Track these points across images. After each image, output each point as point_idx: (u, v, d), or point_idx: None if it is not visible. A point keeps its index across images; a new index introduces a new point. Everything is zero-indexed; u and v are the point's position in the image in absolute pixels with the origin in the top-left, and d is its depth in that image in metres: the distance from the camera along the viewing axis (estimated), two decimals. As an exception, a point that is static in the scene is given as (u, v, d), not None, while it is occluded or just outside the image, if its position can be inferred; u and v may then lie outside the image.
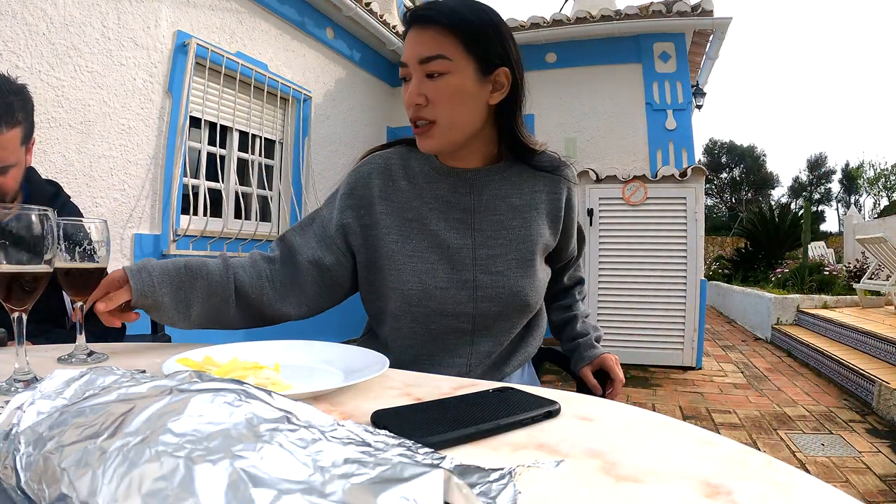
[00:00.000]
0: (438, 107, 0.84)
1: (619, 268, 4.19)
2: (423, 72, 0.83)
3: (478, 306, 0.90)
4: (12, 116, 1.03)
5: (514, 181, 0.93)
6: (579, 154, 5.04)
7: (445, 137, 0.86)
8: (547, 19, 5.00)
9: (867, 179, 24.13)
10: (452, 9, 0.83)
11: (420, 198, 0.91)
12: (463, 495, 0.25)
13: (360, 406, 0.56)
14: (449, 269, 0.89)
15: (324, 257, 0.92)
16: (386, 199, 0.92)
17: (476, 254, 0.90)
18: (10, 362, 0.64)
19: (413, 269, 0.89)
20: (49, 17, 2.56)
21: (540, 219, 0.94)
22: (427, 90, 0.83)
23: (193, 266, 0.85)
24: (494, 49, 0.84)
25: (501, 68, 0.85)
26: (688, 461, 0.42)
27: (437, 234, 0.90)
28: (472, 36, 0.83)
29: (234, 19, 3.71)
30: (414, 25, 0.84)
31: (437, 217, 0.91)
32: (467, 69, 0.83)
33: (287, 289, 0.91)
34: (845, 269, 6.89)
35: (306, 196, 4.39)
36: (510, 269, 0.90)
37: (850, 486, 2.04)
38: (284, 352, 0.77)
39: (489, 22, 0.84)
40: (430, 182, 0.92)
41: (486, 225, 0.91)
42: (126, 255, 3.03)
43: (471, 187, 0.91)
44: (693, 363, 4.06)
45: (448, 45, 0.82)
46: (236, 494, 0.23)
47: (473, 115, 0.86)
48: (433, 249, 0.90)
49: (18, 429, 0.32)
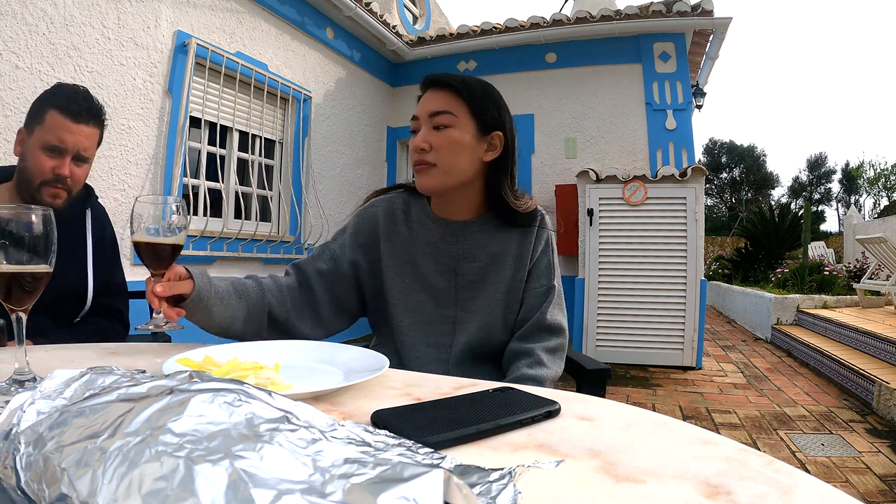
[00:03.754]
0: (440, 153, 0.98)
1: (619, 268, 4.19)
2: (432, 124, 0.99)
3: (455, 339, 1.03)
4: (99, 116, 1.22)
5: (492, 232, 1.06)
6: (579, 154, 5.04)
7: (441, 180, 0.99)
8: (547, 19, 5.00)
9: (867, 179, 24.10)
10: (463, 79, 1.01)
11: (414, 243, 1.06)
12: (463, 495, 0.25)
13: (360, 406, 0.56)
14: (434, 307, 1.04)
15: (336, 287, 1.05)
16: (388, 241, 1.06)
17: (458, 294, 1.04)
18: (10, 362, 0.64)
19: (405, 305, 1.04)
20: (49, 17, 2.56)
21: (511, 262, 1.06)
22: (432, 139, 0.98)
23: (238, 287, 0.95)
24: (492, 115, 1.01)
25: (496, 132, 1.01)
26: (688, 461, 0.42)
27: (427, 276, 1.04)
28: (476, 101, 1.00)
29: (234, 19, 3.71)
30: (430, 88, 1.02)
31: (427, 260, 1.05)
32: (468, 126, 0.99)
33: (305, 313, 1.02)
34: (845, 269, 6.89)
35: (306, 196, 4.40)
36: (484, 307, 1.04)
37: (850, 486, 2.04)
38: (284, 352, 0.78)
39: (491, 94, 1.03)
40: (423, 228, 1.06)
41: (467, 269, 1.05)
42: (126, 255, 3.03)
43: (457, 236, 1.05)
44: (693, 363, 4.06)
45: (455, 104, 0.99)
46: (236, 494, 0.23)
47: (468, 165, 1.00)
48: (423, 289, 1.04)
49: (18, 429, 0.32)
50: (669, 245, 4.08)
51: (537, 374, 0.97)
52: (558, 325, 1.05)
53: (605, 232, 4.21)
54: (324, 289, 1.03)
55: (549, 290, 1.06)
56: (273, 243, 4.08)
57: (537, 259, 1.07)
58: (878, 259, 5.24)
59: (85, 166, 1.24)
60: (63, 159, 1.18)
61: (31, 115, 1.18)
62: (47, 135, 1.16)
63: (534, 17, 5.03)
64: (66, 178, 1.19)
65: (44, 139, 1.16)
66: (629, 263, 4.16)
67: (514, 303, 1.06)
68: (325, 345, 0.80)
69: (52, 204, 1.18)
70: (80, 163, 1.22)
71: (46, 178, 1.17)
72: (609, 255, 4.21)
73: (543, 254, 1.08)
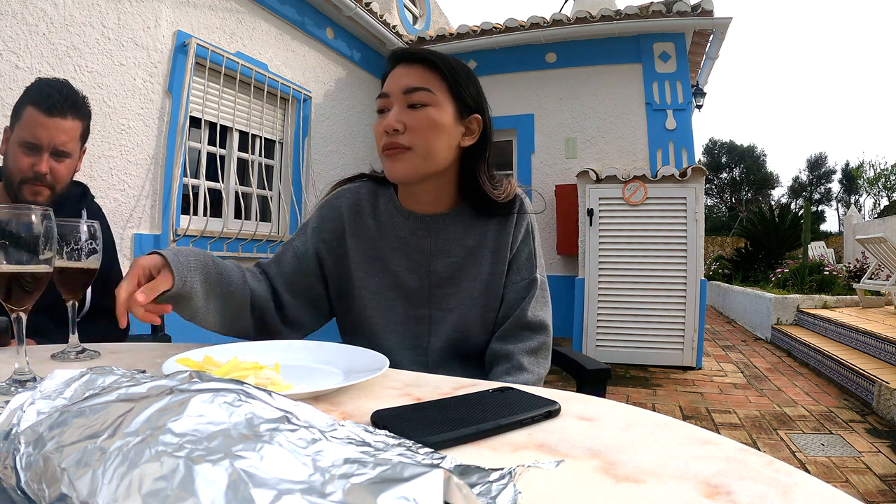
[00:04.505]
0: (416, 135, 0.87)
1: (619, 268, 4.19)
2: (406, 101, 0.88)
3: (431, 340, 0.96)
4: (78, 109, 1.18)
5: (466, 223, 0.97)
6: (579, 154, 5.04)
7: (416, 166, 0.89)
8: (547, 19, 5.00)
9: (867, 179, 24.09)
10: (438, 53, 0.91)
11: (384, 238, 0.97)
12: (463, 495, 0.25)
13: (360, 406, 0.56)
14: (407, 306, 0.96)
15: (302, 288, 0.97)
16: (354, 235, 0.98)
17: (431, 293, 0.96)
18: (10, 362, 0.64)
19: (377, 306, 0.96)
20: (49, 17, 2.56)
21: (488, 255, 0.98)
22: (407, 118, 0.87)
23: (219, 262, 0.86)
24: (471, 94, 0.92)
25: (475, 115, 0.93)
26: (688, 461, 0.42)
27: (398, 273, 0.96)
28: (455, 78, 0.90)
29: (234, 19, 3.71)
30: (402, 62, 0.91)
31: (397, 257, 0.97)
32: (447, 107, 0.89)
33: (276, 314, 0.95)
34: (845, 269, 6.89)
35: (306, 196, 4.40)
36: (459, 306, 0.96)
37: (850, 486, 2.04)
38: (284, 352, 0.78)
39: (468, 71, 0.93)
40: (392, 222, 0.98)
41: (441, 266, 0.96)
42: (126, 255, 3.03)
43: (428, 230, 0.96)
44: (693, 363, 4.06)
45: (433, 81, 0.89)
46: (236, 494, 0.23)
47: (445, 151, 0.90)
48: (394, 288, 0.96)
49: (18, 429, 0.32)
50: (669, 245, 4.08)
51: (515, 381, 0.89)
52: (540, 322, 0.97)
53: (605, 232, 4.21)
54: (291, 293, 0.96)
55: (530, 284, 0.98)
56: (273, 243, 4.08)
57: (517, 250, 0.99)
58: (878, 259, 5.24)
59: (67, 161, 1.19)
60: (40, 156, 1.14)
61: (13, 113, 1.17)
62: (23, 132, 1.14)
63: (534, 17, 5.03)
64: (44, 175, 1.15)
65: (21, 136, 1.14)
66: (629, 263, 4.16)
67: (494, 300, 0.97)
68: (325, 345, 0.80)
69: (34, 202, 1.15)
70: (61, 158, 1.17)
71: (26, 175, 1.15)
72: (609, 255, 4.21)
73: (524, 244, 0.99)
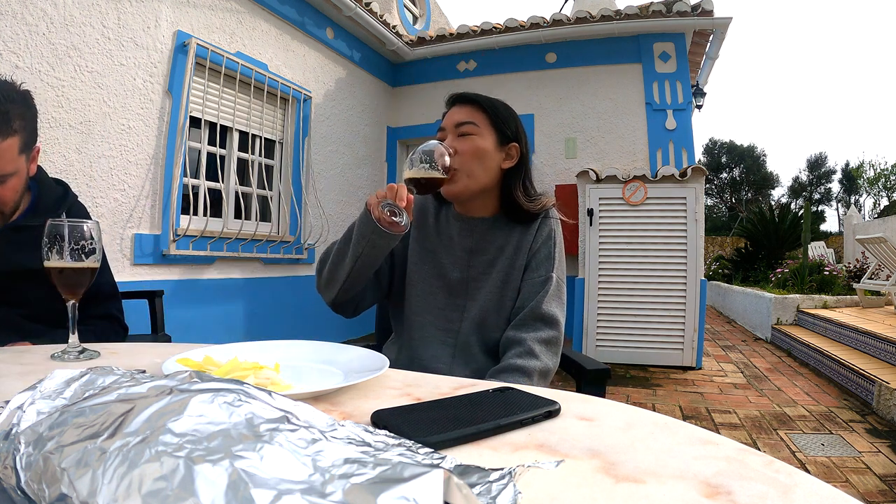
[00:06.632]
0: (463, 158, 1.07)
1: (619, 268, 4.18)
2: (457, 133, 1.10)
3: (462, 326, 1.12)
4: (8, 126, 1.01)
5: (503, 228, 1.15)
6: (579, 154, 5.03)
7: (464, 184, 1.08)
8: (547, 19, 5.00)
9: (867, 179, 24.08)
10: (483, 96, 1.14)
11: (438, 235, 1.17)
12: (463, 495, 0.25)
13: (360, 406, 0.56)
14: (448, 294, 1.14)
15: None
16: (418, 228, 1.18)
17: (469, 285, 1.14)
18: (9, 362, 0.64)
19: (423, 289, 1.15)
20: (49, 17, 2.56)
21: (511, 251, 1.13)
22: (457, 144, 1.08)
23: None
24: (511, 128, 1.12)
25: (513, 143, 1.12)
26: (688, 461, 0.42)
27: (444, 266, 1.15)
28: (497, 115, 1.11)
29: (234, 19, 3.71)
30: (456, 103, 1.14)
31: (445, 252, 1.15)
32: (489, 137, 1.10)
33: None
34: (845, 269, 6.88)
35: (306, 196, 4.40)
36: (484, 295, 1.12)
37: (850, 486, 2.04)
38: (284, 352, 0.78)
39: (509, 110, 1.15)
40: (447, 223, 1.17)
41: (478, 262, 1.14)
42: (126, 255, 3.03)
43: (471, 232, 1.15)
44: (693, 363, 4.06)
45: (478, 117, 1.10)
46: (236, 494, 0.23)
47: (488, 171, 1.10)
48: (439, 277, 1.15)
49: (18, 429, 0.32)
50: (669, 245, 4.08)
51: (525, 364, 0.98)
52: (553, 316, 1.06)
53: (605, 232, 4.21)
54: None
55: (546, 281, 1.10)
56: (273, 243, 4.08)
57: (537, 249, 1.13)
58: (878, 259, 5.24)
59: (11, 180, 1.07)
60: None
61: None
62: None
63: (534, 17, 5.03)
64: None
65: None
66: (629, 263, 4.15)
67: (511, 290, 1.11)
68: (326, 345, 0.80)
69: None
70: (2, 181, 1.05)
71: None
72: (609, 255, 4.20)
73: (544, 244, 1.13)
